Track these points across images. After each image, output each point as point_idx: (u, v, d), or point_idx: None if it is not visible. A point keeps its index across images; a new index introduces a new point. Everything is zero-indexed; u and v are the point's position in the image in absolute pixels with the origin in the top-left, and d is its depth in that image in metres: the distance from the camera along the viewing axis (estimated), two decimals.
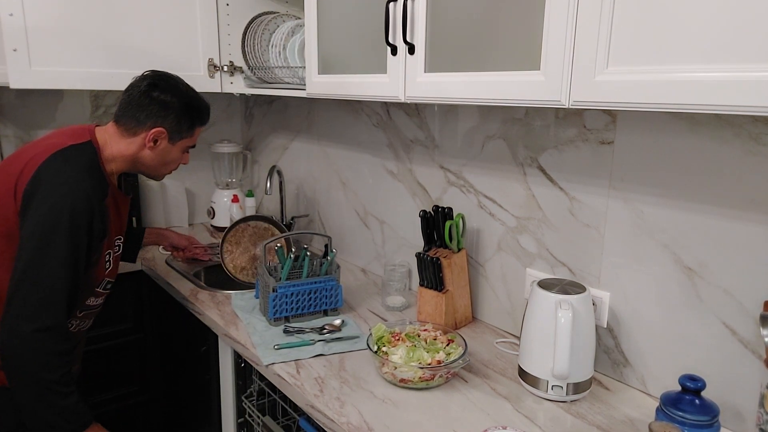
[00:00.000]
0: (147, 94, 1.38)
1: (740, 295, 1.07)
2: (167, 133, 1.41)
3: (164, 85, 1.40)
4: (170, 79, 1.44)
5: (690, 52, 0.80)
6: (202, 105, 1.48)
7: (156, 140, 1.40)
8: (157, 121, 1.39)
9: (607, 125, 1.24)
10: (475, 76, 1.12)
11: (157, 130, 1.39)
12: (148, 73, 1.43)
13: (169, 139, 1.42)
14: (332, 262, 1.61)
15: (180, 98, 1.41)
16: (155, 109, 1.38)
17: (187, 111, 1.43)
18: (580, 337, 1.16)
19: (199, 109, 1.46)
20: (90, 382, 2.00)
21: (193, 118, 1.45)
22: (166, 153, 1.45)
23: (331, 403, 1.17)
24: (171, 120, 1.40)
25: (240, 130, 2.69)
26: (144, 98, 1.38)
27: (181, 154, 1.49)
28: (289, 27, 1.90)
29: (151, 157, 1.43)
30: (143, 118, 1.38)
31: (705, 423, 0.99)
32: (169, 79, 1.43)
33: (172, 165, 1.50)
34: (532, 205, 1.42)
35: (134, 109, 1.38)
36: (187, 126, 1.44)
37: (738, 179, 1.05)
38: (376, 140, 1.89)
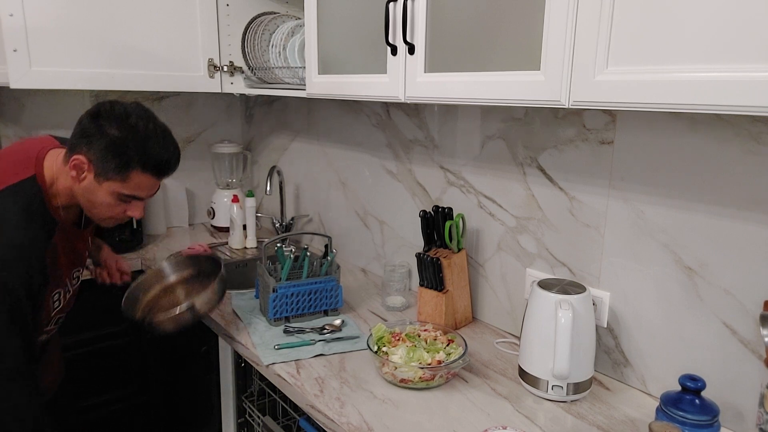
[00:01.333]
0: (89, 116, 1.17)
1: (740, 295, 1.07)
2: (90, 165, 1.16)
3: (115, 113, 1.17)
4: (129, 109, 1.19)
5: (690, 52, 0.80)
6: (148, 151, 1.18)
7: (79, 171, 1.17)
8: (82, 148, 1.16)
9: (607, 125, 1.24)
10: (475, 76, 1.12)
11: (77, 157, 1.16)
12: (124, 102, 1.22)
13: (95, 175, 1.17)
14: (332, 263, 1.61)
15: (122, 131, 1.15)
16: (86, 133, 1.16)
17: (119, 146, 1.15)
18: (580, 337, 1.16)
19: (140, 154, 1.17)
20: (90, 382, 2.00)
21: (127, 159, 1.16)
22: (91, 192, 1.19)
23: (332, 404, 1.17)
24: (95, 150, 1.15)
25: (240, 130, 2.69)
26: (84, 121, 1.18)
27: (114, 200, 1.21)
28: (289, 27, 1.90)
29: (79, 192, 1.20)
30: (75, 142, 1.17)
31: (705, 423, 0.99)
32: (129, 109, 1.19)
33: (105, 211, 1.23)
34: (532, 205, 1.42)
35: (74, 133, 1.19)
36: (115, 165, 1.15)
37: (738, 179, 1.05)
38: (375, 140, 1.90)
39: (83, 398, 1.98)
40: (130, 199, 1.23)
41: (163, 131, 1.23)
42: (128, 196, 1.22)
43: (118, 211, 1.24)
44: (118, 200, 1.22)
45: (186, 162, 2.56)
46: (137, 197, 1.23)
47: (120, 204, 1.23)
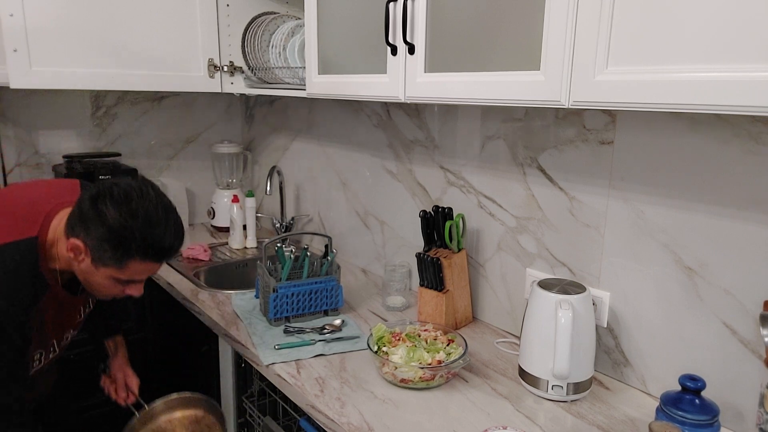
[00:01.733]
0: (90, 199, 1.12)
1: (740, 295, 1.07)
2: (87, 251, 1.12)
3: (115, 197, 1.11)
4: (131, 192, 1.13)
5: (690, 52, 0.80)
6: (147, 239, 1.12)
7: (76, 254, 1.14)
8: (80, 233, 1.12)
9: (607, 125, 1.24)
10: (475, 76, 1.12)
11: (74, 242, 1.12)
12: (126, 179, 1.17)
13: (92, 260, 1.13)
14: (332, 263, 1.61)
15: (121, 217, 1.10)
16: (85, 218, 1.11)
17: (117, 237, 1.10)
18: (580, 337, 1.16)
19: (138, 243, 1.11)
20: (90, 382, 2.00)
21: (124, 249, 1.11)
22: (89, 274, 1.16)
23: (332, 404, 1.17)
24: (93, 237, 1.11)
25: (240, 130, 2.69)
26: (84, 202, 1.12)
27: (114, 283, 1.18)
28: (289, 27, 1.91)
29: (77, 272, 1.18)
30: (74, 222, 1.13)
31: (705, 423, 0.99)
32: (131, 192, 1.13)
33: (103, 291, 1.21)
34: (532, 205, 1.42)
35: (74, 212, 1.14)
36: (111, 254, 1.11)
37: (738, 179, 1.05)
38: (376, 140, 1.90)
39: (82, 398, 1.98)
40: (129, 282, 1.20)
41: (166, 212, 1.16)
42: (126, 281, 1.19)
43: (116, 291, 1.22)
44: (116, 283, 1.19)
45: (186, 162, 2.57)
46: (135, 281, 1.21)
47: (118, 285, 1.20)
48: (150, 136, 2.45)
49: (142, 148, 2.44)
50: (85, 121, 2.29)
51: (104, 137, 2.35)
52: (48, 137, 2.23)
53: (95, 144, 2.33)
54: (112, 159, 2.27)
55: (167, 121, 2.49)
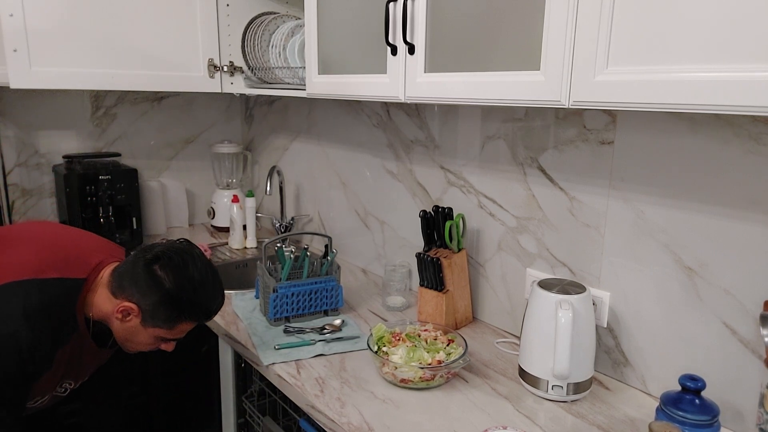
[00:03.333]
0: (146, 264, 1.17)
1: (740, 295, 1.07)
2: (140, 312, 1.18)
3: (173, 262, 1.18)
4: (187, 258, 1.19)
5: (690, 52, 0.80)
6: (200, 303, 1.21)
7: (125, 315, 1.18)
8: (134, 296, 1.17)
9: (607, 125, 1.24)
10: (475, 76, 1.12)
11: (128, 305, 1.17)
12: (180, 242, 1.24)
13: (142, 320, 1.19)
14: (332, 263, 1.61)
15: (178, 284, 1.17)
16: (141, 281, 1.16)
17: (173, 301, 1.17)
18: (581, 337, 1.16)
19: (192, 307, 1.20)
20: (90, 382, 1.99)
21: (178, 313, 1.19)
22: (134, 333, 1.21)
23: (332, 404, 1.17)
24: (149, 301, 1.16)
25: (240, 130, 2.69)
26: (140, 265, 1.17)
27: (157, 341, 1.24)
28: (289, 27, 1.91)
29: (119, 329, 1.22)
30: (127, 284, 1.18)
31: (705, 423, 0.99)
32: (186, 257, 1.19)
33: (142, 347, 1.26)
34: (532, 205, 1.42)
35: (129, 271, 1.19)
36: (165, 317, 1.18)
37: (738, 179, 1.05)
38: (376, 140, 1.90)
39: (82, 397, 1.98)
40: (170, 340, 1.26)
41: (213, 276, 1.23)
42: (170, 340, 1.25)
43: (153, 347, 1.27)
44: (159, 341, 1.25)
45: (186, 162, 2.57)
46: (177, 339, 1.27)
47: (158, 342, 1.25)
48: (150, 136, 2.45)
49: (142, 148, 2.44)
50: (84, 122, 2.29)
51: (104, 137, 2.35)
52: (48, 137, 2.23)
53: (95, 144, 2.33)
54: (112, 159, 2.27)
55: (167, 121, 2.49)
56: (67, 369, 1.24)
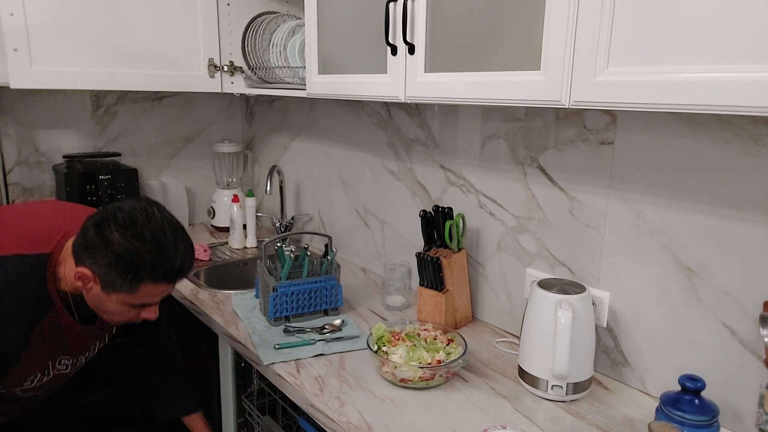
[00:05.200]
0: (94, 226, 1.09)
1: (740, 295, 1.07)
2: (95, 278, 1.10)
3: (119, 221, 1.08)
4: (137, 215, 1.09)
5: (690, 52, 0.80)
6: (157, 262, 1.09)
7: (84, 282, 1.11)
8: (86, 260, 1.09)
9: (608, 125, 1.24)
10: (475, 76, 1.12)
11: (81, 271, 1.09)
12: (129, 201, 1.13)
13: (102, 286, 1.11)
14: (332, 262, 1.61)
15: (127, 242, 1.07)
16: (91, 245, 1.08)
17: (125, 263, 1.07)
18: (580, 337, 1.16)
19: (148, 266, 1.09)
20: (90, 381, 2.00)
21: (134, 274, 1.08)
22: (101, 301, 1.14)
23: (331, 403, 1.18)
24: (100, 265, 1.08)
25: (240, 129, 2.69)
26: (90, 229, 1.09)
27: (127, 308, 1.15)
28: (289, 27, 1.91)
29: (88, 299, 1.15)
30: (80, 250, 1.10)
31: (705, 423, 0.99)
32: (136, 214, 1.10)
33: (118, 317, 1.18)
34: (532, 205, 1.42)
35: (81, 236, 1.11)
36: (121, 280, 1.09)
37: (738, 180, 1.05)
38: (376, 140, 1.90)
39: (82, 397, 1.98)
40: (143, 306, 1.17)
41: (174, 232, 1.12)
42: (140, 305, 1.16)
43: (130, 316, 1.19)
44: (130, 308, 1.16)
45: (186, 161, 2.57)
46: (149, 304, 1.18)
47: (132, 310, 1.17)
48: (150, 135, 2.45)
49: (143, 147, 2.44)
50: (85, 120, 2.29)
51: (104, 136, 2.35)
52: (48, 136, 2.23)
53: (95, 143, 2.33)
54: (112, 158, 2.27)
55: (167, 120, 2.49)
56: (55, 346, 1.19)
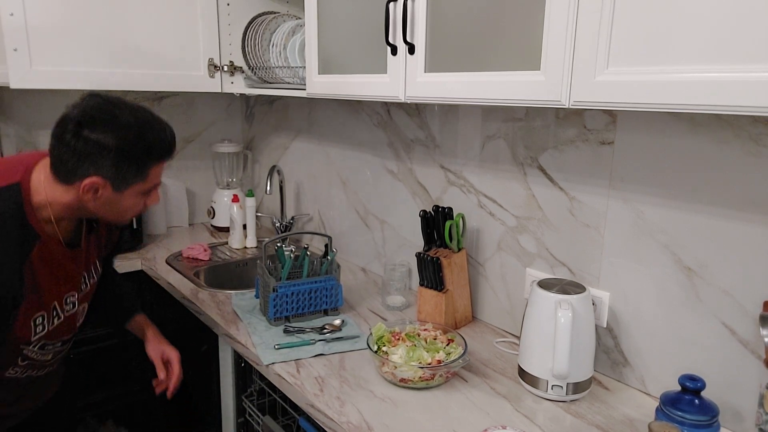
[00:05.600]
0: (75, 136, 1.07)
1: (740, 296, 1.07)
2: (107, 182, 1.10)
3: (98, 121, 1.08)
4: (109, 109, 1.10)
5: (690, 52, 0.80)
6: (153, 141, 1.13)
7: (95, 191, 1.11)
8: (90, 169, 1.08)
9: (608, 125, 1.24)
10: (475, 76, 1.12)
11: (91, 181, 1.09)
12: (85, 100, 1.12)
13: (114, 188, 1.12)
14: (332, 262, 1.61)
15: (118, 137, 1.08)
16: (87, 153, 1.07)
17: (128, 153, 1.09)
18: (580, 337, 1.16)
19: (149, 148, 1.13)
20: (90, 381, 2.00)
21: (140, 160, 1.12)
22: (115, 203, 1.15)
23: (331, 403, 1.17)
24: (107, 167, 1.08)
25: (240, 129, 2.69)
26: (70, 142, 1.08)
27: (140, 198, 1.19)
28: (289, 27, 1.91)
29: (97, 208, 1.15)
30: (73, 165, 1.09)
31: (705, 423, 0.99)
32: (108, 107, 1.10)
33: (131, 212, 1.21)
34: (532, 205, 1.42)
35: (64, 153, 1.09)
36: (133, 171, 1.12)
37: (738, 180, 1.05)
38: (376, 140, 1.90)
39: (83, 397, 1.98)
40: (149, 192, 1.21)
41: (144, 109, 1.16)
42: (150, 189, 1.20)
43: (140, 207, 1.22)
44: (141, 197, 1.19)
45: (186, 161, 2.57)
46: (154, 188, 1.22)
47: (141, 200, 1.20)
48: None
49: None
50: None
51: None
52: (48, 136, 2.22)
53: None
54: None
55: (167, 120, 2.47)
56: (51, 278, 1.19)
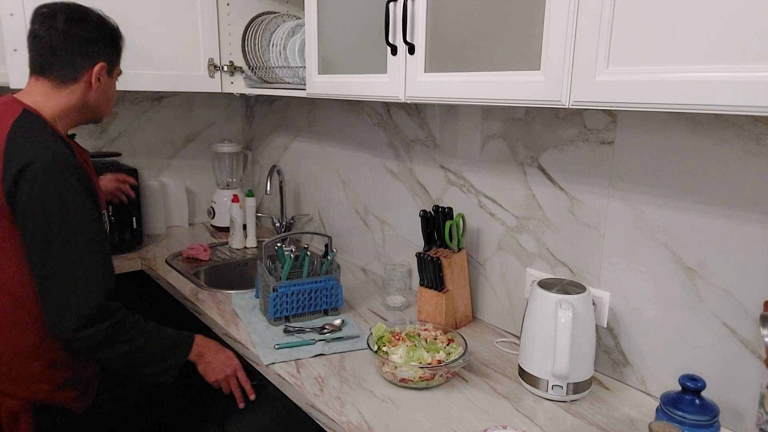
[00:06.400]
0: (71, 34, 1.24)
1: (740, 295, 1.07)
2: (106, 66, 1.30)
3: (79, 16, 1.26)
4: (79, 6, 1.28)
5: (690, 52, 0.80)
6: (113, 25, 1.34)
7: (101, 75, 1.30)
8: (96, 57, 1.28)
9: (608, 125, 1.24)
10: (475, 76, 1.12)
11: (100, 65, 1.28)
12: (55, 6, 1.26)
13: (108, 72, 1.32)
14: (332, 262, 1.61)
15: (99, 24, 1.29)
16: (87, 45, 1.26)
17: (111, 37, 1.32)
18: (580, 337, 1.16)
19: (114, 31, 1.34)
20: None
21: (117, 44, 1.35)
22: (107, 89, 1.35)
23: (331, 403, 1.17)
24: (105, 52, 1.30)
25: (240, 129, 2.69)
26: (70, 38, 1.24)
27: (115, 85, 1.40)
28: (289, 27, 1.90)
29: (96, 98, 1.33)
30: (80, 60, 1.26)
31: (705, 423, 0.99)
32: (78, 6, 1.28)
33: (111, 101, 1.40)
34: (532, 205, 1.42)
35: (65, 53, 1.24)
36: (117, 53, 1.35)
37: (738, 179, 1.05)
38: (376, 140, 1.90)
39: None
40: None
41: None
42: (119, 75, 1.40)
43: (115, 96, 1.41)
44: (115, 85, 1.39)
45: (186, 161, 2.57)
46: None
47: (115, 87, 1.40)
48: (150, 135, 2.45)
49: (142, 148, 2.44)
50: None
51: (104, 136, 2.35)
52: None
53: (95, 143, 2.33)
54: (113, 158, 2.27)
55: (167, 121, 2.49)
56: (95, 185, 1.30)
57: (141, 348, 1.26)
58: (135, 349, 1.25)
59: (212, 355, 1.39)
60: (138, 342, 1.25)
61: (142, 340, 1.26)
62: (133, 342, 1.25)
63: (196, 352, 1.37)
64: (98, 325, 1.18)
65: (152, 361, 1.30)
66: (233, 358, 1.42)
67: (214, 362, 1.38)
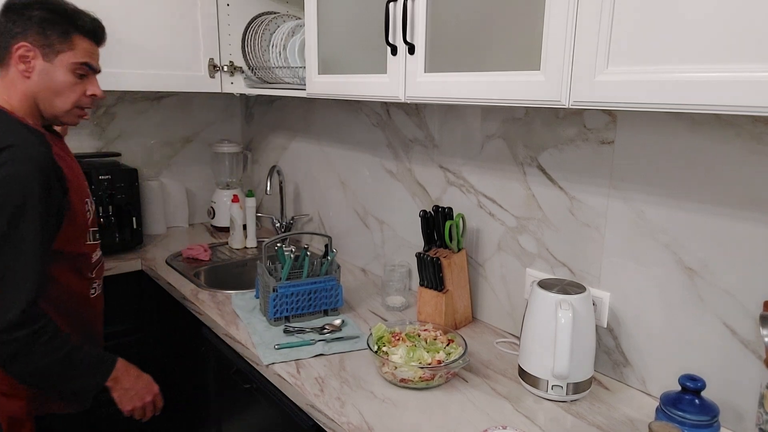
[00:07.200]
0: (4, 15, 1.18)
1: (740, 296, 1.07)
2: (36, 48, 1.17)
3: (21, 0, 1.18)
4: None
5: (690, 52, 0.80)
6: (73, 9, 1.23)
7: (26, 60, 1.18)
8: (17, 39, 1.17)
9: (608, 125, 1.24)
10: (475, 76, 1.12)
11: (20, 44, 1.16)
12: None
13: (43, 56, 1.19)
14: (332, 262, 1.61)
15: (42, 4, 1.18)
16: (12, 25, 1.17)
17: (51, 15, 1.18)
18: (580, 337, 1.16)
19: (70, 13, 1.21)
20: None
21: (63, 23, 1.20)
22: (48, 76, 1.20)
23: (332, 403, 1.17)
24: (34, 30, 1.17)
25: (240, 129, 2.69)
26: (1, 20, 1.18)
27: (73, 77, 1.23)
28: (289, 27, 1.91)
29: (37, 88, 1.20)
30: (4, 42, 1.17)
31: (705, 423, 0.99)
32: None
33: (70, 94, 1.25)
34: (532, 205, 1.42)
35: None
36: (57, 33, 1.19)
37: (739, 179, 1.05)
38: (375, 140, 1.90)
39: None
40: (85, 70, 1.25)
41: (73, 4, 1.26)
42: (82, 65, 1.24)
43: (79, 91, 1.26)
44: (75, 76, 1.23)
45: (185, 161, 2.57)
46: (90, 65, 1.26)
47: (78, 82, 1.24)
48: (149, 135, 2.45)
49: (142, 147, 2.44)
50: (84, 120, 2.28)
51: (104, 137, 2.35)
52: None
53: (94, 143, 2.33)
54: (112, 159, 2.27)
55: (166, 121, 2.49)
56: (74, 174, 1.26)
57: (60, 362, 1.17)
58: (53, 363, 1.16)
59: (131, 381, 1.32)
60: (58, 356, 1.16)
61: (62, 354, 1.17)
62: (53, 355, 1.15)
63: (113, 377, 1.27)
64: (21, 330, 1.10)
65: (70, 378, 1.21)
66: (152, 384, 1.37)
67: (132, 389, 1.32)
